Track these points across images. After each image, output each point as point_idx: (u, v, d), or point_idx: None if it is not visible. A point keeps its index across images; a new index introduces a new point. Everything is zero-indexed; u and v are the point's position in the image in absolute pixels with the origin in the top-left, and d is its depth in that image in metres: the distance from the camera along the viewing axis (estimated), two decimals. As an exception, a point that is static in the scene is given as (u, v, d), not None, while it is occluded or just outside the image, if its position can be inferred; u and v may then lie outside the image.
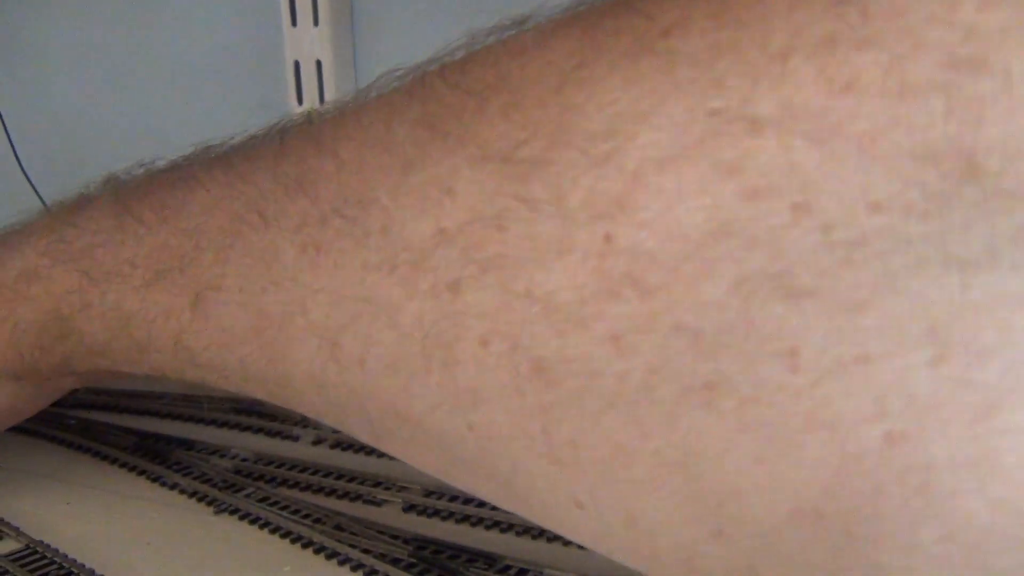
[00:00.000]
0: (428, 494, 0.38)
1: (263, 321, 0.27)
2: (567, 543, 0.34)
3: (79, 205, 0.35)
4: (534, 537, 0.35)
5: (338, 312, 0.25)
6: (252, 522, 0.37)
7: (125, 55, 0.70)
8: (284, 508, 0.38)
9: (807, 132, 0.18)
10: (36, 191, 0.69)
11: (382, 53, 0.60)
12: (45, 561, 0.35)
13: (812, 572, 0.20)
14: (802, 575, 0.20)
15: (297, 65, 0.60)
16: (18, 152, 0.70)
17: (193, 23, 0.67)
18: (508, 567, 0.33)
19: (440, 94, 0.24)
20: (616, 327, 0.20)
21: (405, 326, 0.23)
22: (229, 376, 0.30)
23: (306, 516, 0.37)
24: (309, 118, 0.29)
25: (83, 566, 0.34)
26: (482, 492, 0.26)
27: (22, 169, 0.70)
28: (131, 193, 0.33)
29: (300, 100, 0.60)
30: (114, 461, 0.43)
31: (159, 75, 0.69)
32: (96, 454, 0.44)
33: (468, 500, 0.37)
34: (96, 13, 0.71)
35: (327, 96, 0.60)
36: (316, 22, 0.59)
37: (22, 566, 0.35)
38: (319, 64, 0.60)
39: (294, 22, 0.60)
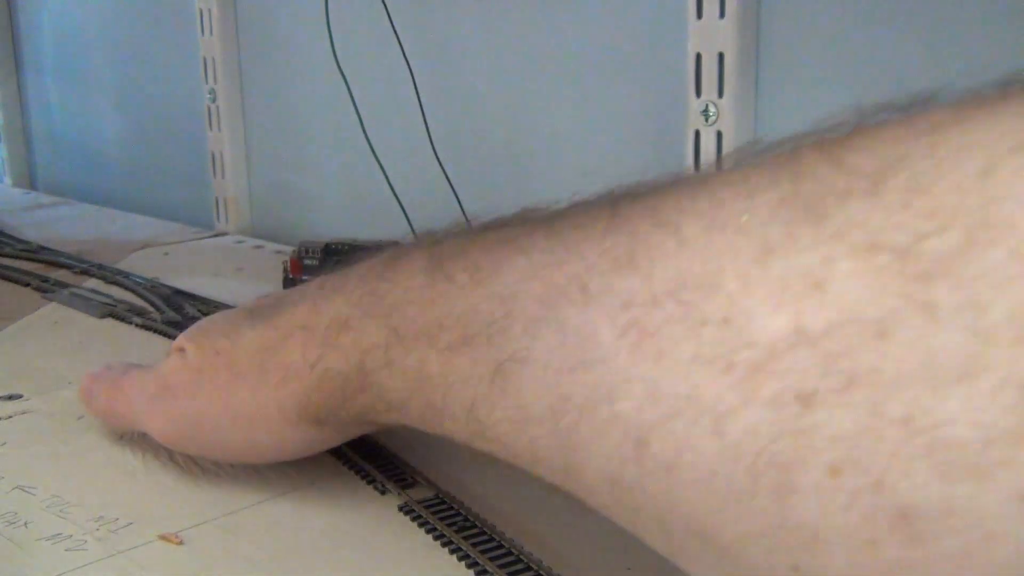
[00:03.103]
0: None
1: (564, 404, 0.25)
2: None
3: (393, 258, 0.34)
4: None
5: (652, 407, 0.22)
6: (640, 503, 0.38)
7: (530, 45, 0.74)
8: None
9: None
10: (444, 172, 0.75)
11: (787, 49, 0.59)
12: (452, 512, 0.38)
13: None
14: None
15: (698, 58, 0.61)
16: (432, 135, 0.77)
17: (599, 12, 0.69)
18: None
19: (818, 172, 0.21)
20: None
21: (732, 436, 0.20)
22: (518, 455, 0.28)
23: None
24: (646, 186, 0.26)
25: (485, 520, 0.37)
26: None
27: (433, 150, 0.77)
28: (445, 251, 0.32)
29: (699, 93, 0.61)
30: (509, 427, 0.46)
31: (560, 63, 0.72)
32: (493, 419, 0.48)
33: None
34: (503, 6, 0.75)
35: (726, 90, 0.60)
36: (722, 15, 0.59)
37: (433, 512, 0.38)
38: (721, 57, 0.60)
39: (699, 14, 0.60)
